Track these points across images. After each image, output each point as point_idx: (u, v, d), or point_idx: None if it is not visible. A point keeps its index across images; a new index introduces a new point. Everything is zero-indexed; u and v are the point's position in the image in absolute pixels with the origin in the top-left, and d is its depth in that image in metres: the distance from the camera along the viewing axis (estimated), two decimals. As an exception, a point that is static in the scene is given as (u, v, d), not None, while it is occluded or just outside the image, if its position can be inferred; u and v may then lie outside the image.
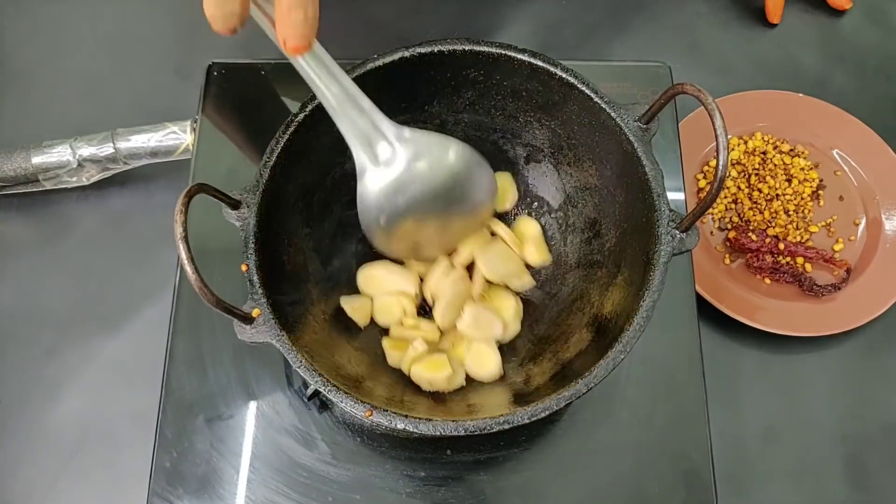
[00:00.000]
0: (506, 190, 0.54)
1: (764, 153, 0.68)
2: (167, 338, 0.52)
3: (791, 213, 0.66)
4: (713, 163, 0.68)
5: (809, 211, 0.66)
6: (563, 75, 0.47)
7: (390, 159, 0.44)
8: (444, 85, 0.50)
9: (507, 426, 0.39)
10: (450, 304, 0.49)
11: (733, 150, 0.68)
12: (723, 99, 0.69)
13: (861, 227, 0.66)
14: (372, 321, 0.51)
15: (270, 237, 0.45)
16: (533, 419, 0.39)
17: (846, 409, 0.60)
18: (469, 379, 0.48)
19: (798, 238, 0.65)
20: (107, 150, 0.61)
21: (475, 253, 0.50)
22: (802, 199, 0.66)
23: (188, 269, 0.36)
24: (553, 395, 0.40)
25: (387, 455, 0.49)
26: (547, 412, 0.39)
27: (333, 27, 0.73)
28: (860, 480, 0.58)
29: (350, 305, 0.50)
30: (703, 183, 0.67)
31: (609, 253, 0.49)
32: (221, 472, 0.49)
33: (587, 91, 0.46)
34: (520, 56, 0.47)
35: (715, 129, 0.38)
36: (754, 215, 0.66)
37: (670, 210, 0.43)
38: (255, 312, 0.41)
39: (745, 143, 0.69)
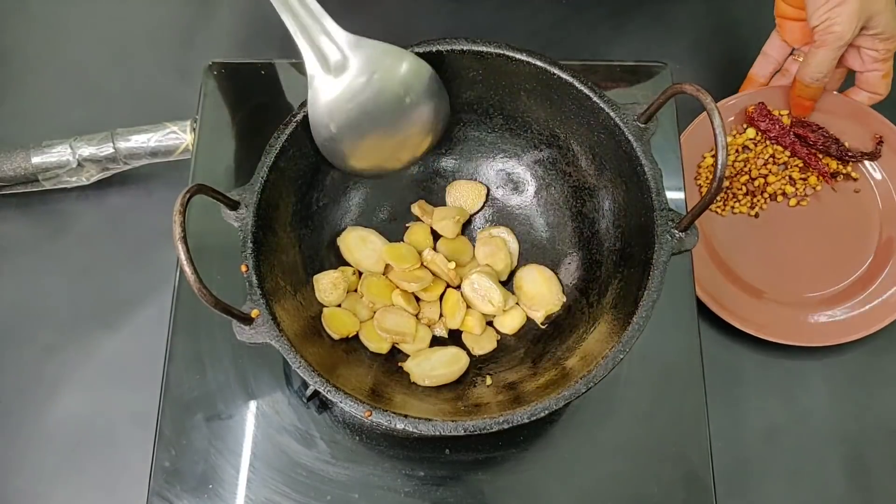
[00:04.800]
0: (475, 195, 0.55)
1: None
2: (167, 337, 0.52)
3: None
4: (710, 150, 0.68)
5: None
6: (563, 75, 0.47)
7: (341, 65, 0.44)
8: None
9: (506, 426, 0.39)
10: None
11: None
12: (722, 100, 0.69)
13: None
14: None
15: (269, 237, 0.45)
16: (532, 419, 0.39)
17: (846, 410, 0.60)
18: (468, 379, 0.48)
19: None
20: (106, 150, 0.61)
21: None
22: None
23: (187, 269, 0.36)
24: (552, 395, 0.40)
25: (386, 454, 0.49)
26: (546, 412, 0.40)
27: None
28: (860, 482, 0.58)
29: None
30: (709, 160, 0.67)
31: (608, 253, 0.49)
32: (221, 470, 0.49)
33: (587, 91, 0.46)
34: (519, 56, 0.47)
35: (714, 129, 0.38)
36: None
37: (669, 209, 0.43)
38: (254, 313, 0.41)
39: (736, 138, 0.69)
